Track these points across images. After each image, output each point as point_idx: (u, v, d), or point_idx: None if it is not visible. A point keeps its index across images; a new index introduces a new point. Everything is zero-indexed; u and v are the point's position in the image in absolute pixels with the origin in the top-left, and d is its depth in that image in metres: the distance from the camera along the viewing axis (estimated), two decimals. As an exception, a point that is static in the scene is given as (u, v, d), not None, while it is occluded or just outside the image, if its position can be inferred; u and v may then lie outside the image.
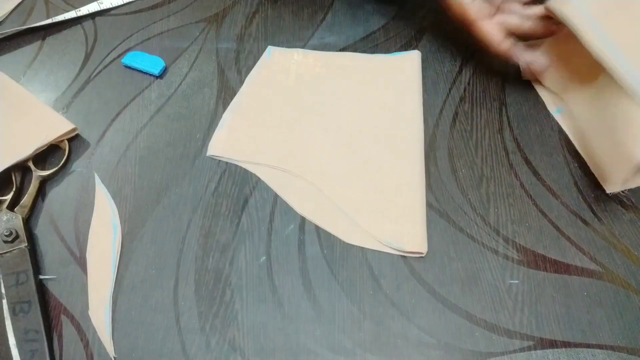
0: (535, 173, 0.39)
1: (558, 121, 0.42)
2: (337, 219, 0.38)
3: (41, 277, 0.36)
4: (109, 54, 0.47)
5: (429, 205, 0.38)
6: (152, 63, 0.46)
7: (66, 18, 0.49)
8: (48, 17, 0.50)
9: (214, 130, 0.42)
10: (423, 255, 0.36)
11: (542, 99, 0.43)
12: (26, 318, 0.34)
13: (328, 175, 0.39)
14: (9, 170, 0.39)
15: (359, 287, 0.35)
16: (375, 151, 0.40)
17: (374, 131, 0.41)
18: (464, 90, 0.44)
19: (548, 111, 0.43)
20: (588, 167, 0.39)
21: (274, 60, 0.46)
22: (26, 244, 0.36)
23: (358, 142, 0.41)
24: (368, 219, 0.37)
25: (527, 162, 0.40)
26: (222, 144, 0.41)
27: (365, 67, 0.45)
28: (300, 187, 0.39)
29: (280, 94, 0.44)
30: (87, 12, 0.50)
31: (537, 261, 0.36)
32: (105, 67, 0.47)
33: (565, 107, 0.42)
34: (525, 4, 0.42)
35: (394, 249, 0.36)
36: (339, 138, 0.41)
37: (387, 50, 0.47)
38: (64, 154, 0.41)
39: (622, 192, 0.38)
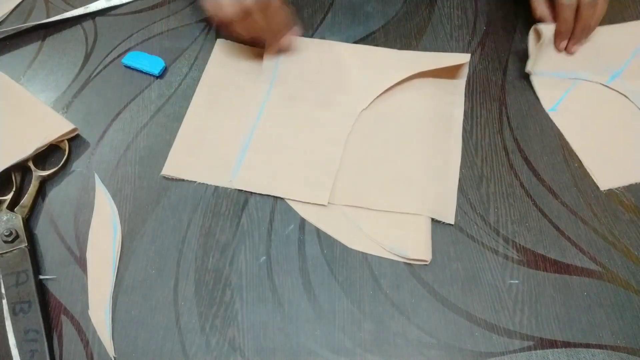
0: (535, 173, 0.39)
1: (552, 118, 0.42)
2: (340, 224, 0.37)
3: (41, 277, 0.36)
4: (109, 54, 0.47)
5: (429, 205, 0.38)
6: (152, 63, 0.46)
7: (73, 15, 0.49)
8: (48, 17, 0.50)
9: (214, 130, 0.42)
10: (427, 262, 0.36)
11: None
12: (26, 318, 0.34)
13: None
14: (9, 170, 0.39)
15: (359, 287, 0.35)
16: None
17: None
18: (464, 90, 0.44)
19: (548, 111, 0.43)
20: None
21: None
22: (26, 244, 0.36)
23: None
24: (372, 224, 0.37)
25: (527, 162, 0.40)
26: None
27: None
28: None
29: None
30: (96, 9, 0.50)
31: (537, 261, 0.36)
32: (105, 67, 0.47)
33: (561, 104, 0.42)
34: None
35: (397, 255, 0.36)
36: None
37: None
38: (64, 154, 0.41)
39: (617, 188, 0.38)
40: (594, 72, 0.43)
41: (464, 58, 0.43)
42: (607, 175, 0.39)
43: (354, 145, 0.40)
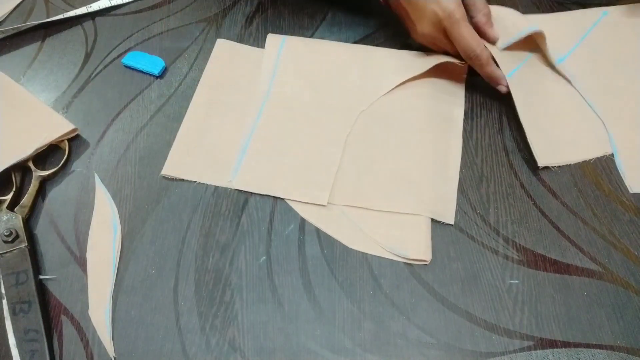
0: (535, 173, 0.39)
1: (509, 84, 0.40)
2: (340, 224, 0.37)
3: (41, 277, 0.36)
4: (109, 54, 0.47)
5: (429, 205, 0.38)
6: (152, 63, 0.46)
7: (73, 15, 0.49)
8: (48, 17, 0.50)
9: (214, 130, 0.42)
10: (427, 262, 0.36)
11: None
12: (26, 318, 0.34)
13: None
14: (9, 170, 0.39)
15: (359, 287, 0.35)
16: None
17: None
18: (464, 90, 0.44)
19: (548, 111, 0.43)
20: (588, 167, 0.40)
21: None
22: (26, 244, 0.36)
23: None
24: (372, 224, 0.37)
25: (527, 162, 0.40)
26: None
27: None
28: None
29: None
30: (97, 9, 0.50)
31: (537, 261, 0.36)
32: (105, 67, 0.47)
33: (518, 71, 0.42)
34: None
35: (397, 255, 0.36)
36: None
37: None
38: (64, 154, 0.41)
39: (617, 189, 0.38)
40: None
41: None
42: (547, 152, 0.39)
43: (354, 145, 0.40)
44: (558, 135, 0.40)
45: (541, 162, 0.39)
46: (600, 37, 0.45)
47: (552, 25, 0.45)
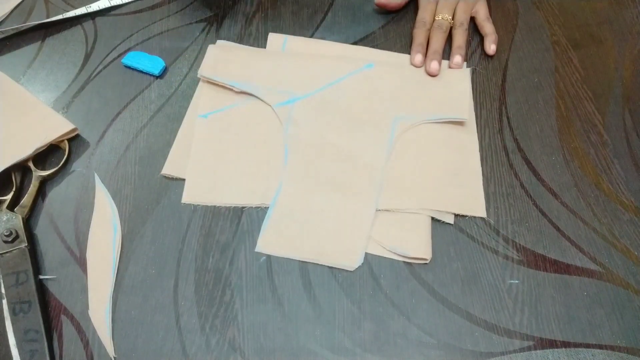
0: (535, 173, 0.39)
1: (198, 123, 0.40)
2: None
3: (41, 277, 0.36)
4: (109, 54, 0.47)
5: (429, 205, 0.38)
6: (152, 63, 0.46)
7: (73, 15, 0.49)
8: (48, 17, 0.50)
9: (214, 130, 0.42)
10: (427, 261, 0.36)
11: (541, 99, 0.43)
12: (26, 318, 0.34)
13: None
14: (9, 170, 0.39)
15: (359, 287, 0.35)
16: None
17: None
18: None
19: (548, 111, 0.43)
20: (588, 167, 0.40)
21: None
22: (26, 244, 0.36)
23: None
24: (372, 224, 0.37)
25: (527, 162, 0.40)
26: None
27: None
28: None
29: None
30: (96, 9, 0.50)
31: (537, 261, 0.36)
32: (105, 67, 0.47)
33: None
34: None
35: (397, 254, 0.36)
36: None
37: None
38: (64, 154, 0.41)
39: (617, 189, 0.38)
40: (270, 92, 0.43)
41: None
42: (191, 191, 0.39)
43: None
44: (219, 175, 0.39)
45: (184, 199, 0.38)
46: (343, 89, 0.43)
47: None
